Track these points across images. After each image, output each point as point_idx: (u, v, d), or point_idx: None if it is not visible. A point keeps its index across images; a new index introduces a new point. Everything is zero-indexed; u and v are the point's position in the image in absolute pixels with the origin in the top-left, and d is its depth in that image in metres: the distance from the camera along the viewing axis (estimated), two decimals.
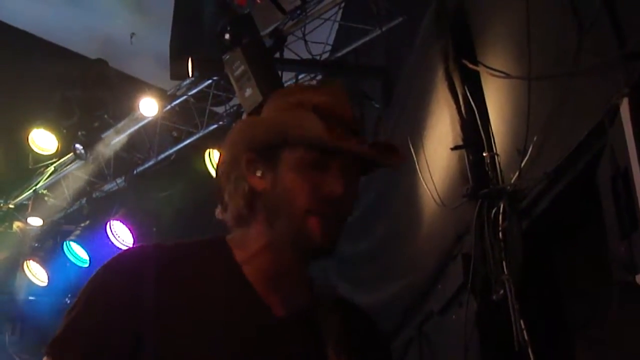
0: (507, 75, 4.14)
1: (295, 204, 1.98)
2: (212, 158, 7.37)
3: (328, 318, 2.06)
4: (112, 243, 8.09)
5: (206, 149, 7.42)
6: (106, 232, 8.09)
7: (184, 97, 7.75)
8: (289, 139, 1.99)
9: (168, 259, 2.01)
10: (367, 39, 6.74)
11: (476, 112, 4.40)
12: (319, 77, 7.38)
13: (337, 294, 2.19)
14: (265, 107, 2.17)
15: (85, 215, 8.65)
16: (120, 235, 8.10)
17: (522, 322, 3.82)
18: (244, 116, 6.52)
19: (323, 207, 1.99)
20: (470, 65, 4.50)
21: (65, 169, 8.72)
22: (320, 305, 2.09)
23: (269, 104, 2.17)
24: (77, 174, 8.71)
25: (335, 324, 2.06)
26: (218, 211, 2.14)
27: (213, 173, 7.35)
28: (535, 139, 3.79)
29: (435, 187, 4.79)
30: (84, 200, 8.77)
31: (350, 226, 6.34)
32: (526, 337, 3.78)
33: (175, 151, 8.15)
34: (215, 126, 7.78)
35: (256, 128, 2.07)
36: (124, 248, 7.74)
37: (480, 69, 4.48)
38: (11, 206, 9.13)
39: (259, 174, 2.02)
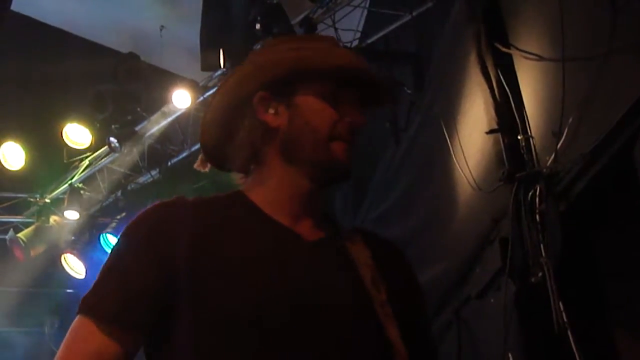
0: (540, 58, 4.13)
1: (318, 132, 2.04)
2: None
3: (354, 244, 2.10)
4: None
5: None
6: None
7: (216, 88, 7.76)
8: (307, 71, 2.06)
9: (193, 207, 2.07)
10: (397, 24, 6.72)
11: (510, 95, 4.39)
12: None
13: (355, 226, 2.23)
14: (259, 55, 2.24)
15: (121, 207, 8.71)
16: None
17: (561, 304, 3.81)
18: None
19: (346, 134, 2.06)
20: (503, 49, 4.49)
21: (99, 162, 8.76)
22: (343, 234, 2.13)
23: (263, 52, 2.27)
24: (111, 167, 8.76)
25: (361, 249, 2.09)
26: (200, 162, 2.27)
27: None
28: (570, 120, 3.78)
29: (470, 172, 4.78)
30: (119, 193, 8.81)
31: (385, 212, 6.37)
32: (565, 320, 3.77)
33: None
34: None
35: (266, 67, 2.11)
36: None
37: (513, 51, 4.46)
38: (47, 200, 9.18)
39: (272, 111, 2.07)
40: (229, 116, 2.16)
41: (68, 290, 9.54)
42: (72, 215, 8.91)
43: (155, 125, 8.24)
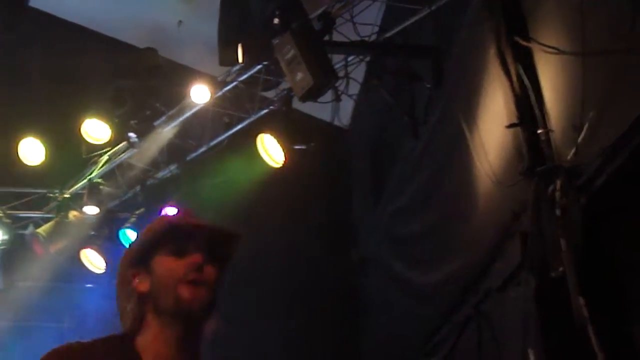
0: (560, 51, 4.11)
1: (169, 282, 2.50)
2: (264, 143, 7.40)
3: None
4: None
5: (258, 134, 7.45)
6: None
7: (234, 83, 7.78)
8: (153, 241, 2.56)
9: (86, 354, 2.54)
10: (415, 18, 6.70)
11: (530, 89, 4.37)
12: (368, 58, 7.36)
13: None
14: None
15: (140, 202, 8.74)
16: None
17: (581, 299, 3.80)
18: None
19: (191, 274, 2.49)
20: (523, 42, 4.47)
21: (118, 157, 8.80)
22: None
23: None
24: (130, 162, 8.79)
25: None
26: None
27: (265, 157, 7.39)
28: (591, 114, 3.76)
29: (490, 166, 4.78)
30: (138, 188, 8.85)
31: (403, 206, 6.39)
32: (586, 314, 3.76)
33: (227, 137, 8.20)
34: (266, 111, 7.82)
35: (131, 249, 2.64)
36: None
37: (533, 45, 4.44)
38: (67, 196, 9.21)
39: (139, 280, 2.56)
40: (120, 287, 2.62)
41: (88, 285, 9.58)
42: (91, 210, 8.95)
43: (174, 120, 8.26)
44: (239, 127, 8.07)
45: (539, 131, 4.28)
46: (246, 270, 8.91)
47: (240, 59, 7.06)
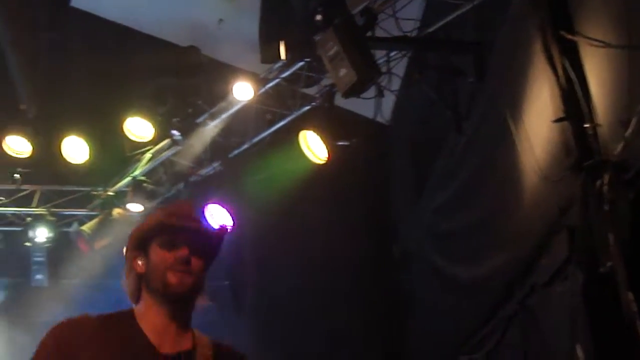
0: (607, 45, 4.09)
1: (159, 268, 3.00)
2: (306, 139, 7.41)
3: (203, 356, 3.07)
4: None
5: (300, 131, 7.46)
6: (204, 216, 8.18)
7: (277, 80, 7.80)
8: (149, 232, 3.06)
9: (91, 328, 3.03)
10: (457, 13, 6.66)
11: (576, 84, 4.34)
12: (409, 54, 7.34)
13: (213, 340, 3.14)
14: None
15: (184, 199, 8.77)
16: (219, 218, 8.21)
17: (630, 293, 3.78)
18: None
19: (176, 264, 3.00)
20: (569, 36, 4.44)
21: (161, 155, 8.86)
22: (199, 348, 3.08)
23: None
24: (173, 159, 8.85)
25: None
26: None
27: (308, 154, 7.40)
28: (638, 108, 3.74)
29: (536, 160, 4.76)
30: (181, 185, 8.91)
31: (446, 202, 6.37)
32: (635, 309, 3.75)
33: (270, 134, 8.22)
34: (308, 107, 7.83)
35: (133, 235, 3.13)
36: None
37: (579, 39, 4.42)
38: (110, 193, 9.30)
39: (138, 262, 3.06)
40: (125, 265, 3.11)
41: None
42: (135, 207, 9.02)
43: (217, 118, 8.29)
44: (281, 123, 8.08)
45: (586, 125, 4.26)
46: (288, 266, 8.98)
47: (282, 56, 7.07)
